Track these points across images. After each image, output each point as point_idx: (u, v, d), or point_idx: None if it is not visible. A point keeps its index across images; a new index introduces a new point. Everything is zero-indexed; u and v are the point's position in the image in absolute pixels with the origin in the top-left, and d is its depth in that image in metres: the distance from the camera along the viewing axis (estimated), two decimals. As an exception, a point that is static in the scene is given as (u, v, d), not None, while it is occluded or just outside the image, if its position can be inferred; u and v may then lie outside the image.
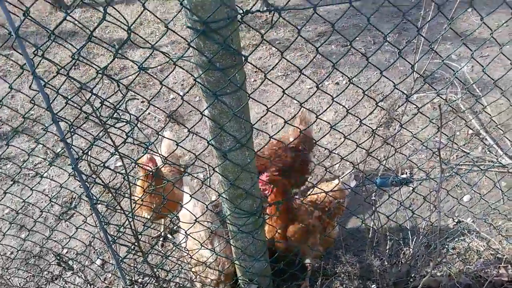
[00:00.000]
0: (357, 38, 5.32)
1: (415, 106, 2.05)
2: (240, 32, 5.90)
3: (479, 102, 2.14)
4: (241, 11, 1.57)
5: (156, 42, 1.59)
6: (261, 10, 1.59)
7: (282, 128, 2.08)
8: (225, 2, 1.48)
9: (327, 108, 1.95)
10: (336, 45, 5.94)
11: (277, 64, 1.73)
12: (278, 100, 1.77)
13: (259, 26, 6.62)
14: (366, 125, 1.82)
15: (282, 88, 1.69)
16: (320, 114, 1.82)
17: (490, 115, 2.56)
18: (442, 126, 1.99)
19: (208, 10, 1.48)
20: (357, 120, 4.32)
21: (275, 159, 3.06)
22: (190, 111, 4.91)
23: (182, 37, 1.65)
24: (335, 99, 1.83)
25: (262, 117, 1.76)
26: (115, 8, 1.47)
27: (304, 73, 1.69)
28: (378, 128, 3.43)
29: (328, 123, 1.91)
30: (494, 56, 2.21)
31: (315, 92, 1.70)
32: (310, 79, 1.77)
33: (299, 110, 2.23)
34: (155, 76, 5.56)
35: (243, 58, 1.65)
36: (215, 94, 1.65)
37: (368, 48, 5.81)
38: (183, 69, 1.63)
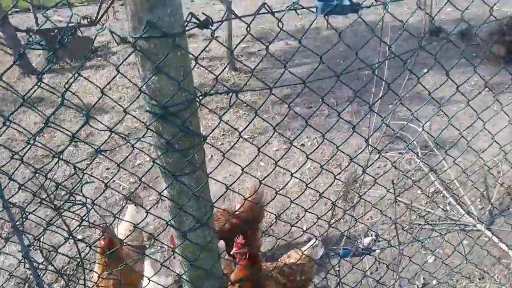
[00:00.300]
0: (320, 100, 5.58)
1: (372, 177, 2.12)
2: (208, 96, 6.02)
3: (433, 170, 2.24)
4: (199, 94, 1.62)
5: (114, 126, 1.60)
6: (219, 92, 1.65)
7: (244, 202, 2.09)
8: (183, 87, 1.53)
9: (287, 183, 1.99)
10: (301, 106, 6.16)
11: (236, 141, 1.78)
12: (236, 180, 1.80)
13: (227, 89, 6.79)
14: (325, 197, 1.86)
15: (240, 166, 1.72)
16: (279, 190, 1.85)
17: (444, 182, 2.66)
18: (399, 195, 2.05)
19: (166, 95, 1.51)
20: (323, 182, 4.39)
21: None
22: (156, 178, 4.85)
23: (142, 121, 1.68)
24: (294, 174, 1.88)
25: (221, 195, 1.77)
26: (72, 92, 1.48)
27: (262, 151, 1.73)
28: (338, 200, 3.51)
29: (289, 198, 1.94)
30: (451, 114, 2.34)
31: (273, 170, 1.74)
32: (269, 156, 1.81)
33: (259, 187, 2.26)
34: (121, 142, 5.55)
35: (202, 139, 1.69)
36: (174, 175, 1.66)
37: (331, 109, 6.04)
38: (141, 150, 1.65)
